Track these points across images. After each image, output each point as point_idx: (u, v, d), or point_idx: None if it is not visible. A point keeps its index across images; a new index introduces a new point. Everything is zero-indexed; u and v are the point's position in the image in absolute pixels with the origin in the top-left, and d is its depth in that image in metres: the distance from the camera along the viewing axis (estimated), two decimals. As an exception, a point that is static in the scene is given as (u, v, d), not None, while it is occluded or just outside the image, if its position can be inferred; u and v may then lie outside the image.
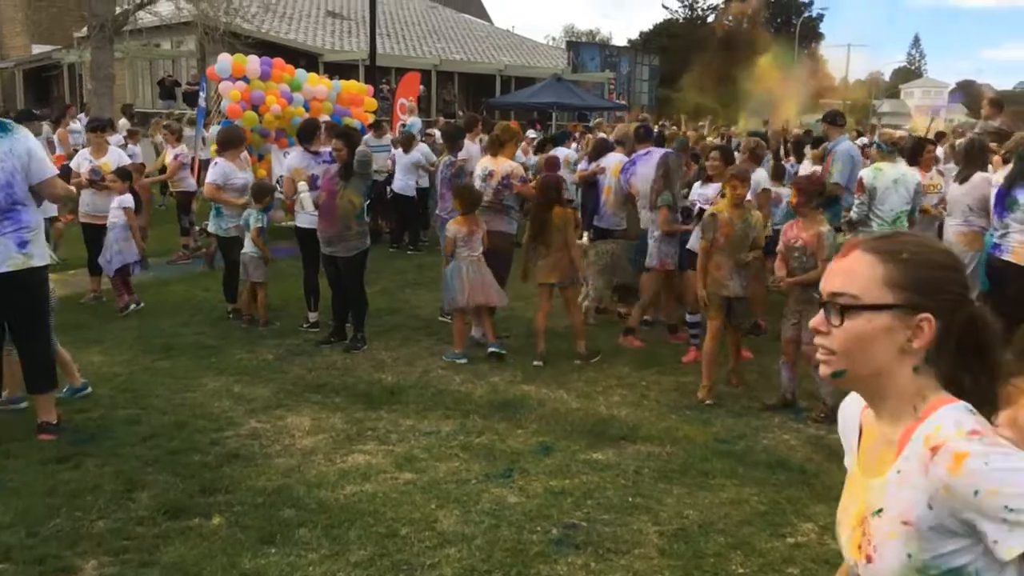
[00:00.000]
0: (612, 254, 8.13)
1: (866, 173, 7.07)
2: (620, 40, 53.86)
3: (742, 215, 5.94)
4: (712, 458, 4.87)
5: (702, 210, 6.61)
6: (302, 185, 7.00)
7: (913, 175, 6.75)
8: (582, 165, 9.47)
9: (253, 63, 12.96)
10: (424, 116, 24.83)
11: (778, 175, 8.73)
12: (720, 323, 5.91)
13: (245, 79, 12.78)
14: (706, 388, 5.87)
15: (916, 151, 7.65)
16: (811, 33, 56.28)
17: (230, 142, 8.03)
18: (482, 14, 42.75)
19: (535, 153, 13.16)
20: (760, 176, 7.42)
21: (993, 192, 6.83)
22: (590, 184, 8.50)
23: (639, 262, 8.10)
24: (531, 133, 16.37)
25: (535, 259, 6.75)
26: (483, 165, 7.35)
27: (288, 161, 7.79)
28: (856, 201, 7.02)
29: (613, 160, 8.35)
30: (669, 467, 4.73)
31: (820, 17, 57.39)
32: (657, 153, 8.07)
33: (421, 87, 26.37)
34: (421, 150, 11.74)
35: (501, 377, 6.34)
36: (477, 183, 7.28)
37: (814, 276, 5.53)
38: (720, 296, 5.90)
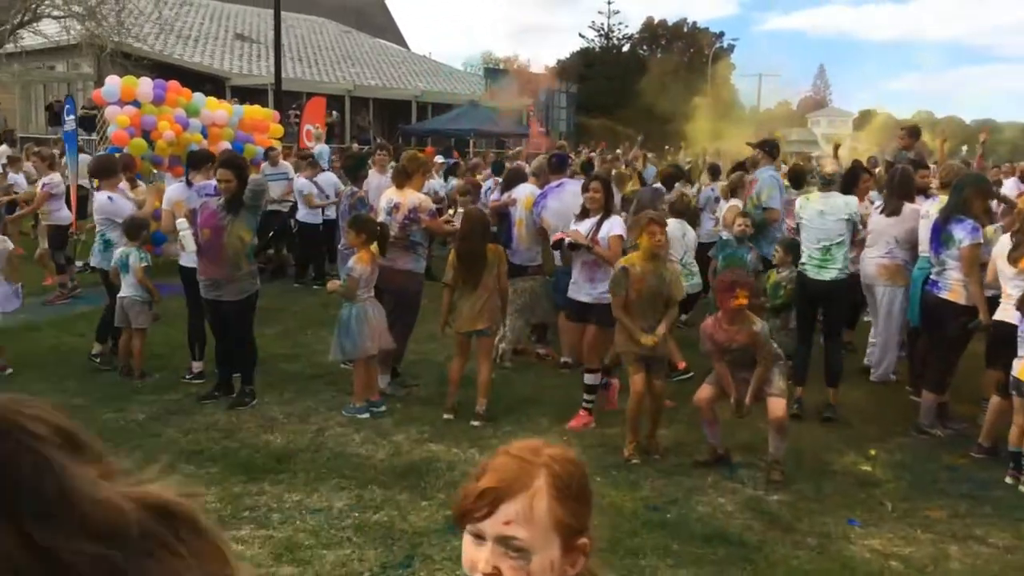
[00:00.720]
0: (531, 292, 7.58)
1: (798, 201, 6.71)
2: (538, 67, 53.95)
3: (656, 269, 5.34)
4: (642, 531, 4.30)
5: (572, 245, 6.02)
6: (181, 222, 6.21)
7: (848, 204, 6.26)
8: (494, 196, 8.93)
9: (145, 86, 12.05)
10: (338, 142, 24.07)
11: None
12: (642, 377, 5.33)
13: (136, 103, 11.89)
14: (632, 445, 5.32)
15: (851, 180, 7.33)
16: (724, 63, 57.46)
17: (103, 171, 7.22)
18: (399, 41, 42.15)
19: (445, 179, 12.48)
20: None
21: (923, 224, 6.56)
22: (502, 216, 7.96)
23: (559, 300, 7.58)
24: (439, 158, 15.73)
25: (462, 302, 6.06)
26: (388, 197, 6.70)
27: (167, 194, 7.00)
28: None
29: (525, 192, 7.82)
30: (595, 545, 4.13)
31: (731, 47, 58.70)
32: (570, 185, 7.58)
33: (335, 113, 25.70)
34: (324, 179, 10.97)
35: (407, 435, 5.67)
36: (382, 217, 6.61)
37: (761, 374, 5.07)
38: (634, 353, 5.36)
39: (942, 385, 5.93)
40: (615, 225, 6.06)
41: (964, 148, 7.23)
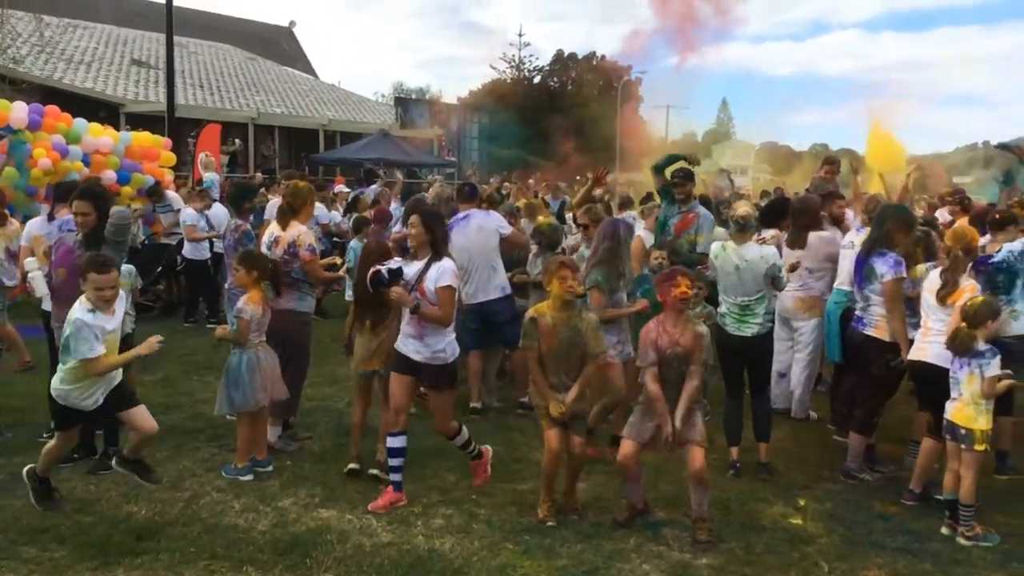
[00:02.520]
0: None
1: (713, 248, 6.05)
2: (450, 98, 53.72)
3: (570, 319, 4.79)
4: (559, 610, 3.79)
5: (392, 272, 4.93)
6: (30, 262, 5.46)
7: (764, 257, 5.67)
8: (396, 227, 8.39)
9: (19, 111, 11.12)
10: (242, 171, 23.11)
11: None
12: (556, 433, 4.78)
13: (9, 129, 10.94)
14: (546, 506, 4.80)
15: (776, 214, 7.03)
16: (632, 95, 58.44)
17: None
18: (308, 69, 41.25)
19: (346, 213, 11.80)
20: None
21: (847, 255, 6.33)
22: (404, 249, 7.45)
23: (475, 339, 7.07)
24: (341, 187, 15.07)
25: (359, 341, 5.53)
26: (270, 231, 6.08)
27: (26, 229, 6.22)
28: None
29: None
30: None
31: (639, 80, 59.71)
32: (477, 218, 7.11)
33: (237, 141, 24.73)
34: (214, 211, 10.20)
35: (295, 499, 5.03)
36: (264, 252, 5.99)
37: (693, 391, 4.68)
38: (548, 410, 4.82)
39: (870, 427, 5.64)
40: (445, 272, 4.89)
41: (859, 178, 7.13)
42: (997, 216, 5.82)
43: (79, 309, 4.55)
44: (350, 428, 5.73)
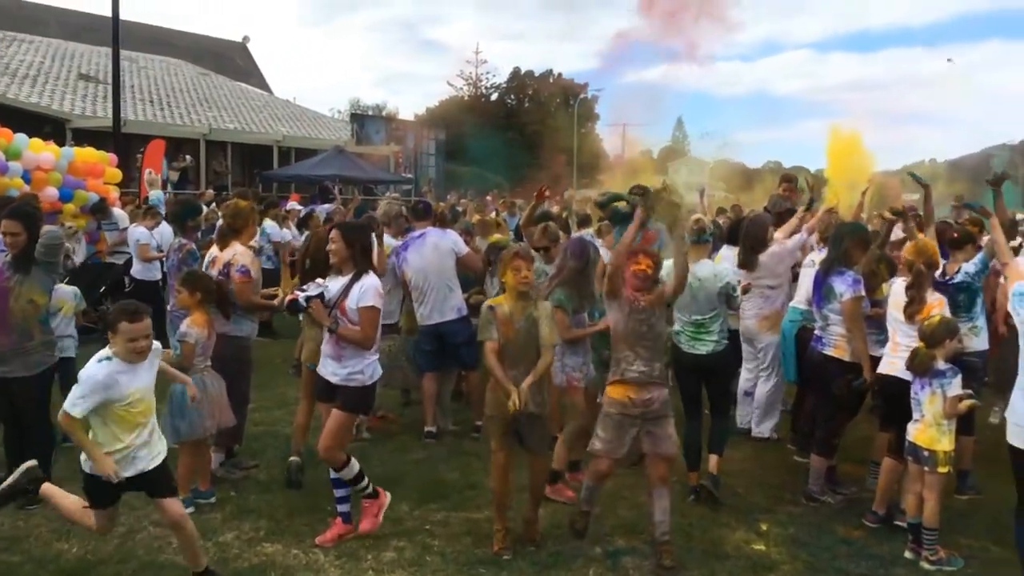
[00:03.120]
0: (387, 354, 6.84)
1: (665, 266, 5.58)
2: (407, 115, 53.52)
3: (526, 308, 4.62)
4: (516, 651, 3.61)
5: (311, 299, 4.63)
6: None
7: (718, 275, 5.48)
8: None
9: (-48, 124, 10.70)
10: (194, 188, 22.61)
11: None
12: (506, 455, 4.59)
13: (-59, 143, 10.52)
14: (500, 535, 4.61)
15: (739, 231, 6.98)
16: (588, 113, 58.86)
17: None
18: (262, 85, 40.74)
19: (300, 228, 11.51)
20: None
21: (808, 274, 6.28)
22: None
23: (430, 361, 6.87)
24: (294, 204, 14.77)
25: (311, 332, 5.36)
26: (210, 252, 5.84)
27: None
28: None
29: None
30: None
31: (596, 98, 60.19)
32: (432, 236, 6.93)
33: (188, 158, 24.23)
34: (160, 230, 9.88)
35: (238, 533, 4.79)
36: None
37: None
38: (503, 420, 4.56)
39: (831, 448, 5.56)
40: (368, 291, 4.57)
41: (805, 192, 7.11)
42: (955, 235, 5.81)
43: (94, 363, 3.82)
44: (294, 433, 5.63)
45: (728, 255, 7.25)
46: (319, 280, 4.80)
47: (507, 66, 69.15)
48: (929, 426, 4.68)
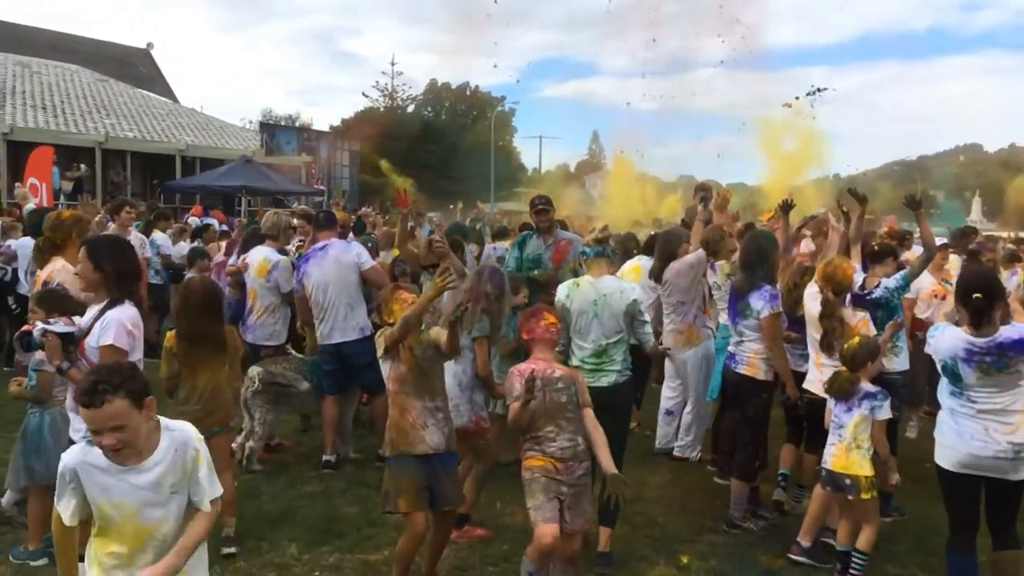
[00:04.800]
0: (283, 378, 6.31)
1: (560, 290, 5.03)
2: (322, 126, 52.27)
3: (418, 339, 4.10)
4: None
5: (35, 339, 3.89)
6: None
7: (624, 293, 4.85)
8: (231, 260, 7.58)
9: None
10: (88, 199, 21.36)
11: None
12: (424, 516, 4.07)
13: None
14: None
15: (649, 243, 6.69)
16: (505, 125, 58.85)
17: None
18: (167, 92, 39.16)
19: (192, 240, 10.69)
20: None
21: (719, 286, 6.04)
22: (239, 284, 6.70)
23: (331, 383, 6.34)
24: (194, 219, 13.98)
25: (185, 396, 4.62)
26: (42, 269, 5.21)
27: None
28: None
29: (258, 256, 6.61)
30: None
31: (513, 111, 60.27)
32: (335, 249, 6.42)
33: (83, 167, 22.91)
34: (21, 244, 9.04)
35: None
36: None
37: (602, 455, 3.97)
38: (414, 470, 4.00)
39: (752, 471, 5.29)
40: (110, 326, 3.73)
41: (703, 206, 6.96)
42: (876, 248, 5.64)
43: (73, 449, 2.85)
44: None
45: (647, 266, 7.02)
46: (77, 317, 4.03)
47: (424, 78, 68.53)
48: (850, 449, 4.43)
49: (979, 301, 3.77)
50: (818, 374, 5.00)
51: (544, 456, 3.94)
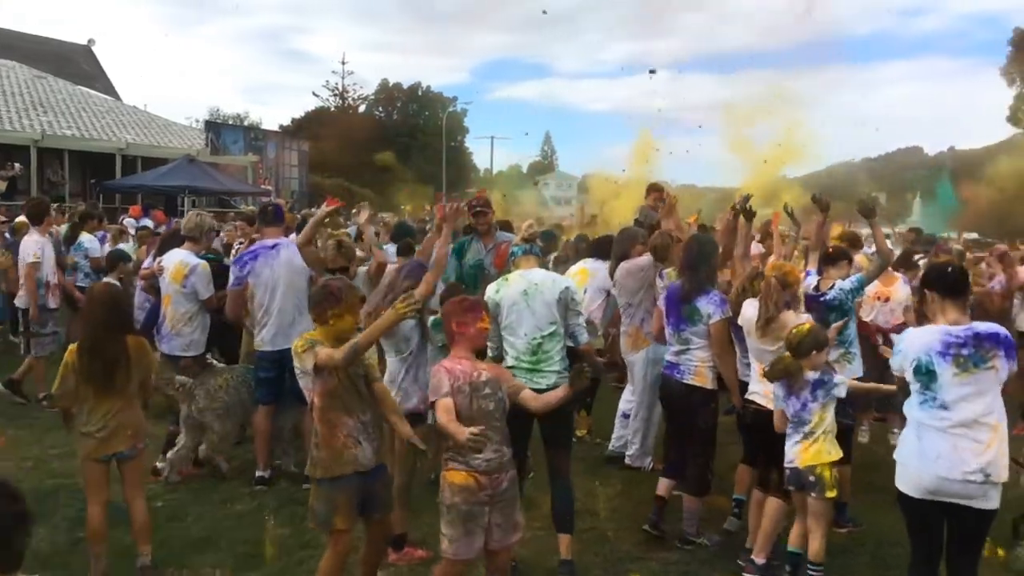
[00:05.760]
0: (226, 388, 5.96)
1: (490, 287, 4.85)
2: (271, 125, 51.24)
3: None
4: None
5: None
6: None
7: (556, 281, 4.68)
8: (146, 263, 7.18)
9: None
10: (23, 199, 20.52)
11: None
12: (349, 537, 3.84)
13: None
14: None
15: (606, 244, 6.46)
16: (457, 126, 58.53)
17: None
18: (109, 90, 38.02)
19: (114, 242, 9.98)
20: None
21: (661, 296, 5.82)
22: (157, 290, 6.31)
23: (267, 392, 5.99)
24: (130, 220, 13.40)
25: (90, 417, 4.25)
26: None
27: None
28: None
29: (174, 259, 6.22)
30: None
31: (465, 112, 59.98)
32: (286, 250, 6.03)
33: (17, 165, 22.00)
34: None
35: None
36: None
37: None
38: (348, 488, 3.76)
39: (706, 485, 5.07)
40: None
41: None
42: (830, 251, 5.47)
43: None
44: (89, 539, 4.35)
45: (595, 268, 6.84)
46: None
47: (376, 78, 67.90)
48: (815, 441, 4.28)
49: (956, 271, 3.74)
50: (762, 386, 4.82)
51: (468, 470, 3.68)
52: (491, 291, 4.75)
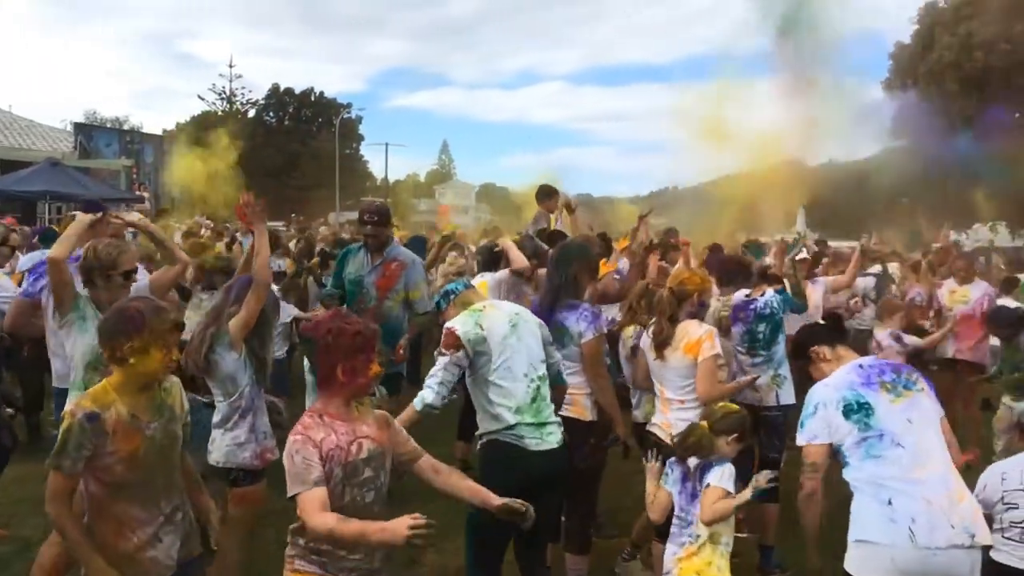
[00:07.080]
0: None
1: (460, 324, 3.64)
2: (155, 129, 48.69)
3: (153, 400, 2.87)
4: None
5: None
6: None
7: (524, 310, 3.88)
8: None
9: None
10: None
11: None
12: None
13: None
14: None
15: (496, 259, 5.72)
16: (351, 133, 57.14)
17: None
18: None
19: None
20: None
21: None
22: None
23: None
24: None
25: None
26: None
27: None
28: (446, 359, 3.58)
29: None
30: None
31: (359, 119, 58.57)
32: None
33: None
34: None
35: None
36: None
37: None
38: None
39: (587, 539, 4.34)
40: None
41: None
42: (729, 267, 5.00)
43: None
44: None
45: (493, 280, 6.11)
46: None
47: (267, 83, 65.65)
48: (703, 549, 3.40)
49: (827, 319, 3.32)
50: (664, 416, 4.15)
51: None
52: (467, 327, 3.61)
